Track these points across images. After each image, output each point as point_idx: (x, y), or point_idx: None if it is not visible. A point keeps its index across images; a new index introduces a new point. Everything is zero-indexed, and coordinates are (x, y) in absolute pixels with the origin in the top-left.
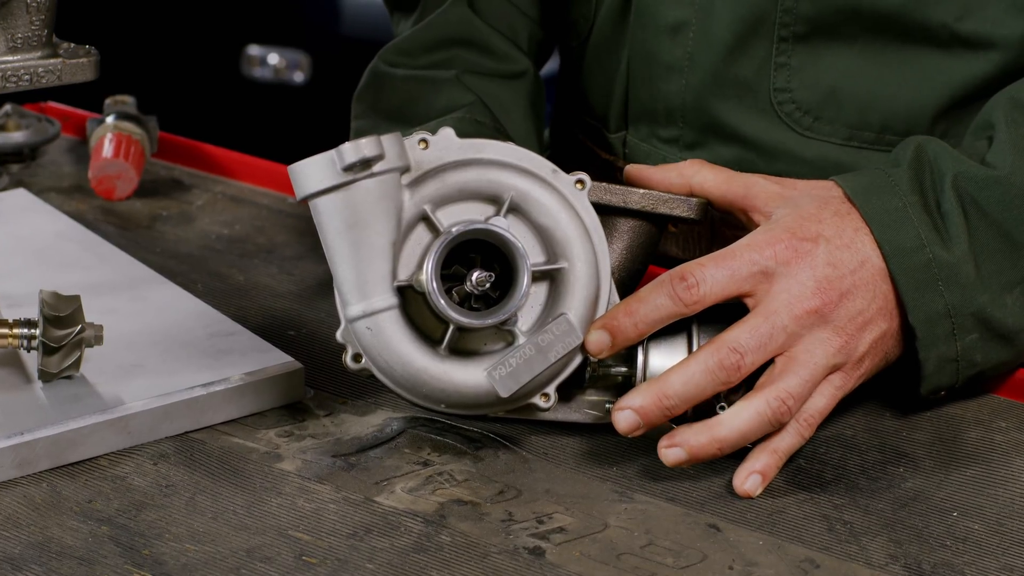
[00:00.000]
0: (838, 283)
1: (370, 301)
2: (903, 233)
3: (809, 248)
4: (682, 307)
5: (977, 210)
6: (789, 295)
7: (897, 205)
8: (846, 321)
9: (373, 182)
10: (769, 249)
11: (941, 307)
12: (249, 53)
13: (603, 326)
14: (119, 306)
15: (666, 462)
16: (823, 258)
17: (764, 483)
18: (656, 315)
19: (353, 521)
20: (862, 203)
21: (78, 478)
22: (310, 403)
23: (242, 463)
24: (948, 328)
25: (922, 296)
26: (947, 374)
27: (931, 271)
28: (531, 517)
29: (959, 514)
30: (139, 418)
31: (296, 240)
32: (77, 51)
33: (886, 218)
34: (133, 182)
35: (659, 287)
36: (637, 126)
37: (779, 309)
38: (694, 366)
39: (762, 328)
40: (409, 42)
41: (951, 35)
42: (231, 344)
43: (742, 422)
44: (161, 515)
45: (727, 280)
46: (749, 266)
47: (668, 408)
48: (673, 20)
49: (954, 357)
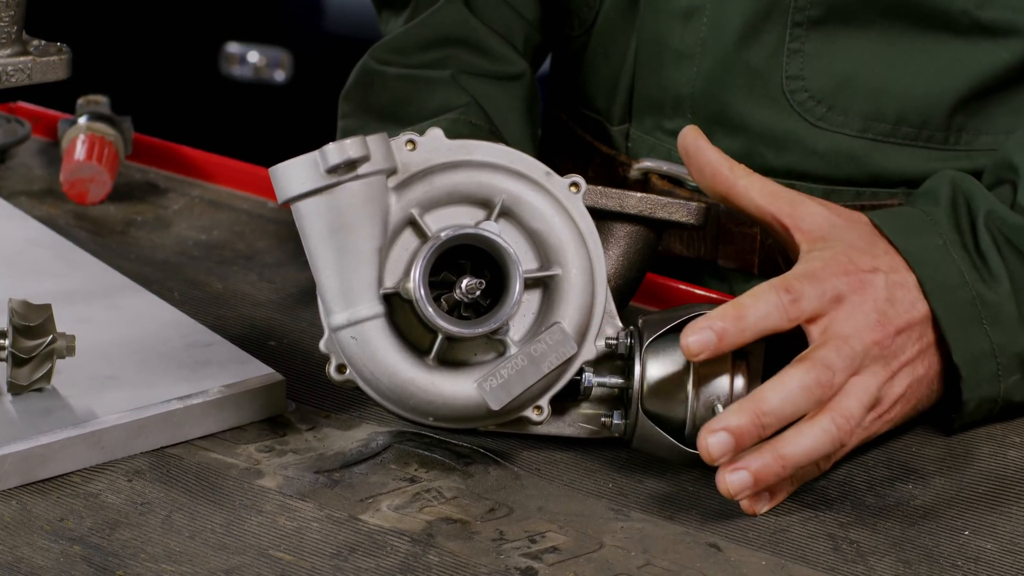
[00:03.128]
0: (895, 319)
1: (355, 309)
2: (945, 271)
3: (871, 280)
4: (785, 321)
5: (1012, 251)
6: (856, 323)
7: (938, 243)
8: (892, 357)
9: (358, 184)
10: (844, 277)
11: (987, 347)
12: (228, 51)
13: (710, 327)
14: (92, 315)
15: (729, 491)
16: (883, 292)
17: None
18: (763, 325)
19: (337, 540)
20: (901, 242)
21: (49, 495)
22: (292, 417)
23: (221, 480)
24: (993, 369)
25: (966, 335)
26: (983, 412)
27: (975, 309)
28: (523, 536)
29: (971, 533)
30: (113, 432)
31: (277, 246)
32: (48, 49)
33: (927, 256)
34: (107, 186)
35: (766, 296)
36: (642, 118)
37: (852, 334)
38: (791, 383)
39: (845, 350)
40: (402, 40)
41: (971, 22)
42: (209, 355)
43: (808, 439)
44: (136, 534)
45: (817, 299)
46: (832, 289)
47: (764, 427)
48: (687, 5)
49: (994, 398)
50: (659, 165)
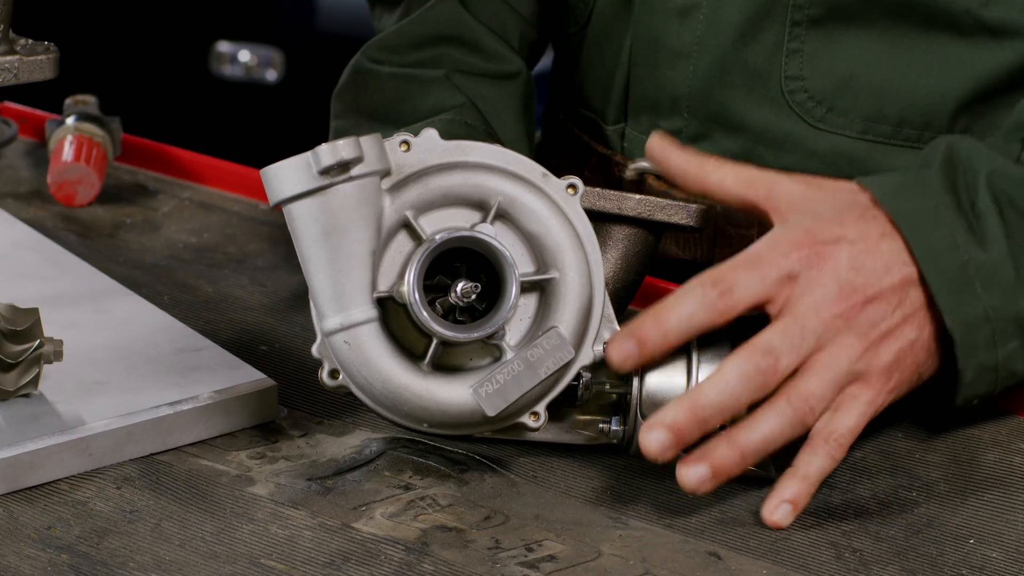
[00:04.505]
0: (861, 289)
1: (348, 313)
2: (936, 234)
3: (831, 251)
4: (716, 316)
5: (1014, 210)
6: (814, 298)
7: (929, 206)
8: (868, 328)
9: (351, 186)
10: (794, 253)
11: (980, 311)
12: (218, 50)
13: (630, 335)
14: (80, 320)
15: (688, 484)
16: (845, 263)
17: (795, 512)
18: (687, 324)
19: (330, 549)
20: (891, 205)
21: (36, 503)
22: (284, 423)
23: (211, 487)
24: (988, 334)
25: (959, 300)
26: (985, 383)
27: (967, 273)
28: (519, 544)
29: (976, 541)
30: (101, 439)
31: (269, 249)
32: (35, 48)
33: (917, 219)
34: (95, 187)
35: (689, 294)
36: (637, 118)
37: (806, 312)
38: (728, 373)
39: (793, 330)
40: (395, 38)
41: (975, 22)
42: (199, 360)
43: (764, 426)
44: (125, 542)
45: (757, 285)
46: (777, 270)
47: (703, 420)
48: (683, 2)
49: (994, 366)
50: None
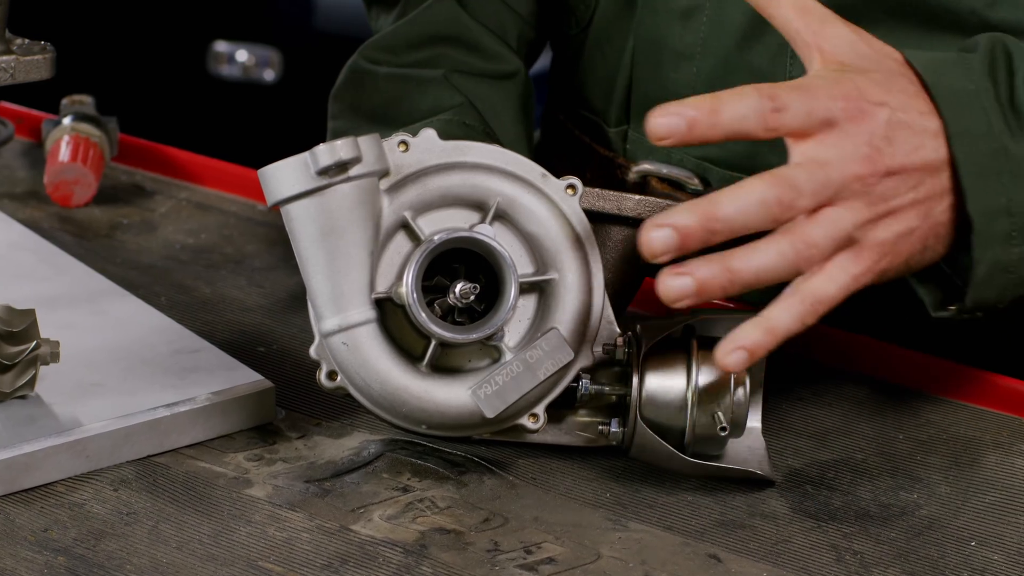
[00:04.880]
0: (888, 158)
1: (346, 314)
2: (973, 117)
3: (873, 111)
4: (762, 129)
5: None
6: (842, 152)
7: (969, 88)
8: (878, 199)
9: (350, 187)
10: (843, 101)
11: (1003, 202)
12: (216, 50)
13: (680, 112)
14: (77, 321)
15: (668, 294)
16: (882, 128)
17: (750, 360)
18: (738, 126)
19: (328, 551)
20: (933, 80)
21: (33, 505)
22: (281, 425)
23: (209, 489)
24: (1007, 227)
25: (985, 185)
26: (995, 287)
27: (998, 161)
28: (518, 547)
29: (977, 544)
30: (98, 441)
31: (266, 250)
32: (32, 48)
33: (956, 99)
34: (92, 188)
35: (746, 97)
36: (640, 120)
37: (832, 162)
38: (749, 194)
39: (819, 175)
40: (392, 38)
41: (980, 22)
42: (197, 361)
43: (762, 257)
44: (122, 545)
45: (804, 117)
46: (824, 111)
47: (713, 233)
48: (686, 3)
49: (1007, 266)
50: (658, 168)
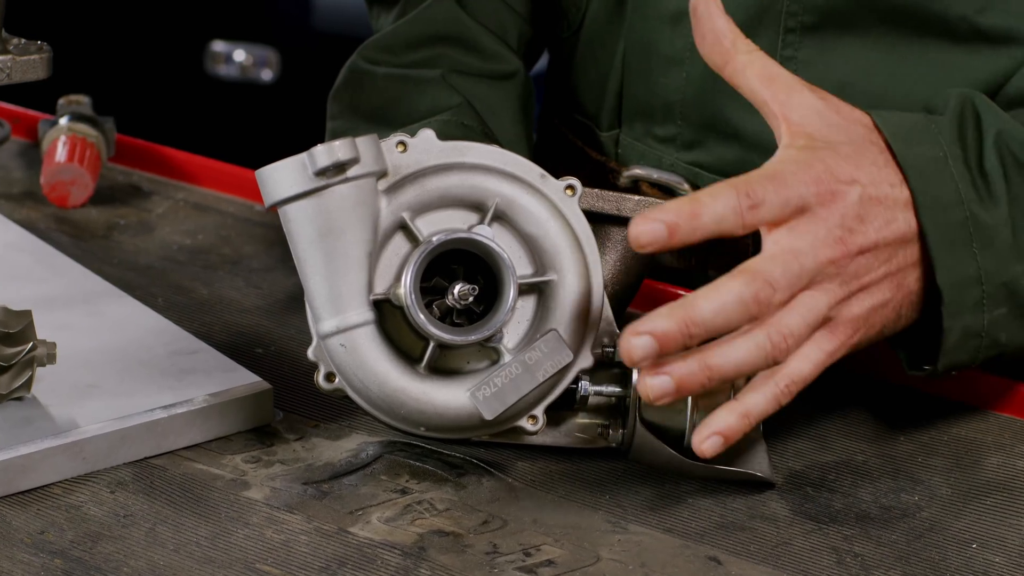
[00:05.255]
0: (861, 237)
1: (344, 316)
2: (941, 186)
3: (845, 192)
4: (740, 227)
5: (1019, 172)
6: (815, 238)
7: (938, 155)
8: (851, 277)
9: (348, 187)
10: (814, 185)
11: (973, 271)
12: (213, 49)
13: (661, 220)
14: (73, 322)
15: (648, 393)
16: (854, 208)
17: (725, 445)
18: (717, 228)
19: (326, 554)
20: (901, 150)
21: (29, 507)
22: (279, 426)
23: (206, 491)
24: (978, 296)
25: (954, 256)
26: (968, 350)
27: (966, 230)
28: (517, 549)
29: (979, 546)
30: (95, 443)
31: (264, 251)
32: (28, 47)
33: (925, 168)
34: (88, 188)
35: (723, 196)
36: (631, 124)
37: (806, 250)
38: (728, 295)
39: (793, 266)
40: (391, 38)
41: (971, 28)
42: (194, 363)
43: (739, 352)
44: (119, 547)
45: (780, 208)
46: (797, 199)
47: (691, 337)
48: (675, 8)
49: (979, 332)
50: (649, 173)
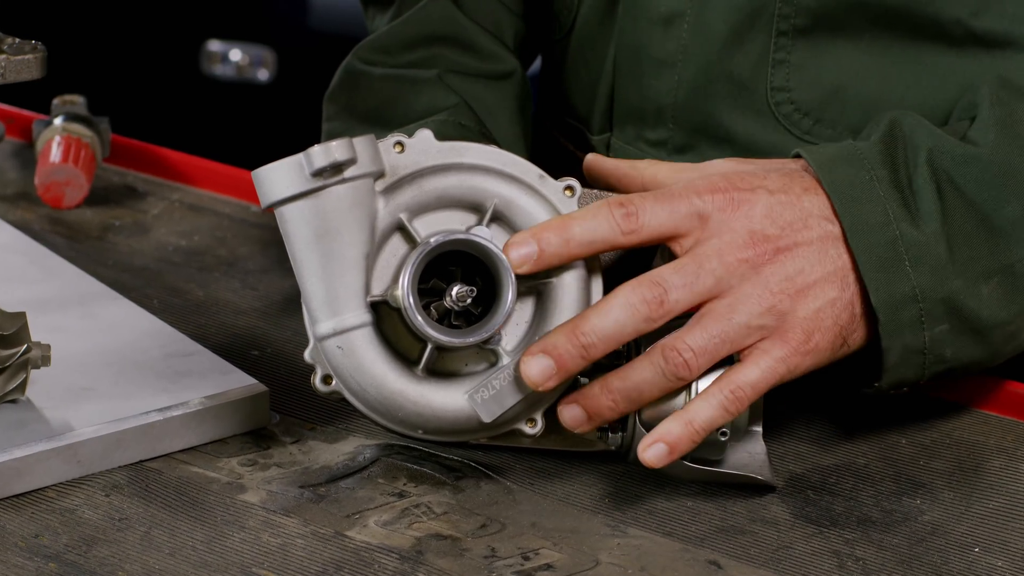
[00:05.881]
0: (774, 238)
1: (341, 318)
2: (868, 208)
3: (748, 198)
4: (619, 234)
5: (953, 189)
6: (720, 242)
7: (864, 178)
8: (780, 280)
9: (345, 188)
10: (708, 195)
11: (908, 289)
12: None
13: (532, 237)
14: (68, 324)
15: (567, 424)
16: (761, 210)
17: (672, 456)
18: (590, 237)
19: (323, 557)
20: (826, 175)
21: (23, 511)
22: (276, 429)
23: (202, 494)
24: (915, 314)
25: (886, 276)
26: (912, 367)
27: (897, 249)
28: (516, 553)
29: (981, 550)
30: (90, 445)
31: (260, 252)
32: (22, 47)
33: (850, 191)
34: (83, 189)
35: (595, 210)
36: (623, 127)
37: (709, 253)
38: (612, 300)
39: (688, 267)
40: (387, 38)
41: (965, 32)
42: (189, 365)
43: (636, 374)
44: (114, 551)
45: (666, 216)
46: (688, 207)
47: (585, 347)
48: (666, 11)
49: (921, 349)
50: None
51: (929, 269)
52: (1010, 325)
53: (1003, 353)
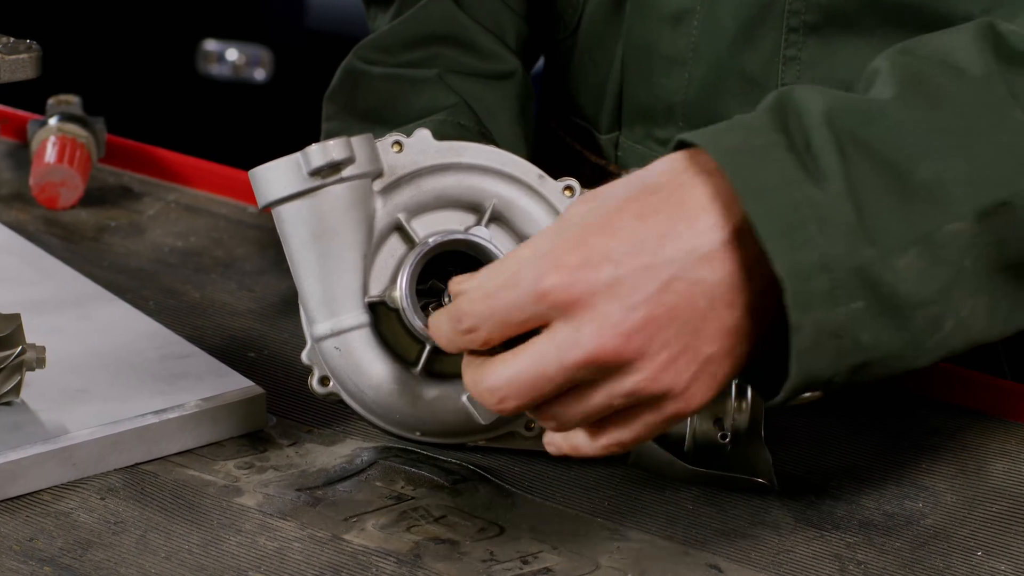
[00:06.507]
0: (625, 323)
1: (339, 319)
2: (765, 171)
3: (591, 280)
4: (456, 349)
5: (858, 147)
6: (564, 339)
7: (756, 144)
8: (652, 359)
9: (342, 188)
10: (550, 277)
11: (815, 256)
12: (205, 48)
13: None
14: (63, 325)
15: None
16: (604, 292)
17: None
18: (448, 348)
19: (320, 561)
20: (712, 145)
21: (18, 514)
22: (272, 432)
23: (198, 498)
24: (826, 285)
25: (790, 241)
26: (826, 355)
27: (800, 212)
28: (515, 557)
29: (984, 554)
30: (85, 448)
31: (257, 253)
32: (17, 46)
33: (742, 158)
34: (78, 190)
35: (436, 327)
36: (632, 126)
37: (549, 354)
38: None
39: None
40: (387, 38)
41: None
42: (186, 367)
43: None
44: (109, 555)
45: (502, 324)
46: (531, 304)
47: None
48: (676, 8)
49: (836, 330)
50: None
51: (837, 233)
52: (933, 306)
53: (927, 347)
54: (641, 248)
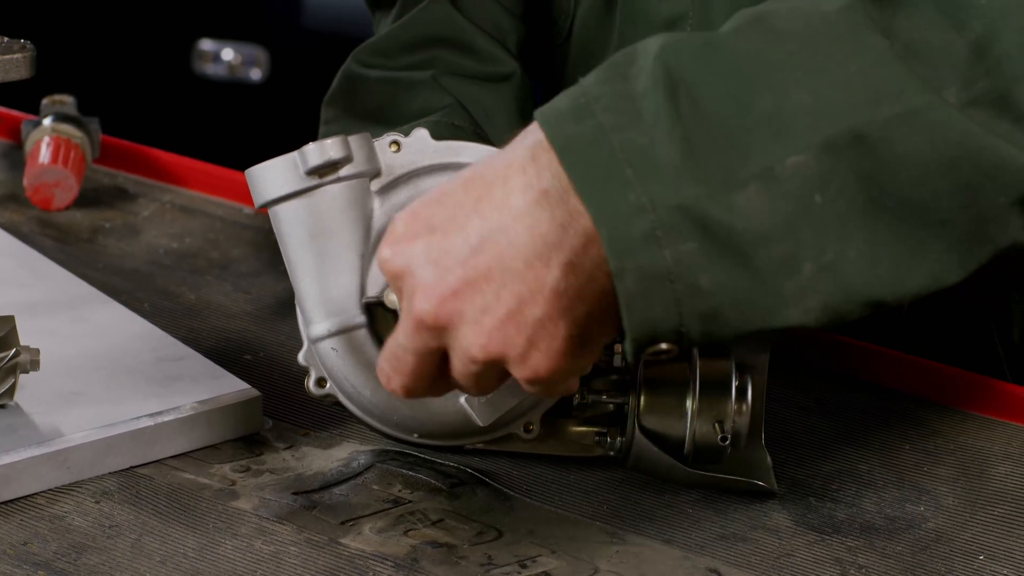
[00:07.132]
0: (439, 287)
1: (336, 319)
2: (583, 124)
3: (410, 251)
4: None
5: (689, 87)
6: (404, 308)
7: (578, 102)
8: (476, 323)
9: (340, 187)
10: (383, 251)
11: (632, 200)
12: (201, 48)
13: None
14: (58, 328)
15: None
16: (422, 259)
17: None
18: (401, 391)
19: (316, 565)
20: (541, 108)
21: (12, 518)
22: (268, 435)
23: (193, 501)
24: (647, 227)
25: (605, 188)
26: (661, 301)
27: (616, 159)
28: (513, 561)
29: (986, 557)
30: (80, 451)
31: (253, 254)
32: (11, 46)
33: (560, 116)
34: (73, 191)
35: (383, 368)
36: None
37: (400, 326)
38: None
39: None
40: (386, 41)
41: None
42: (181, 370)
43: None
44: (104, 558)
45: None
46: (390, 279)
47: None
48: (668, 14)
49: (665, 273)
50: None
51: (657, 175)
52: (777, 245)
53: (783, 293)
54: (457, 213)
